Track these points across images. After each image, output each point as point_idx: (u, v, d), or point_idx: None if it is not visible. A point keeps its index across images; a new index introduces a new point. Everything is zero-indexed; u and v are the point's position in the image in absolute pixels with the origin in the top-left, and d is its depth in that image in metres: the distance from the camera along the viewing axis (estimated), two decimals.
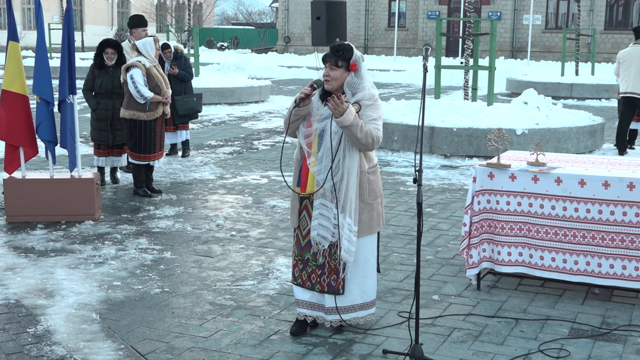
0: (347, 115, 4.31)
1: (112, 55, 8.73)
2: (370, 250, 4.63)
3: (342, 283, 4.56)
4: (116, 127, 8.77)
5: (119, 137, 8.79)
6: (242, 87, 19.65)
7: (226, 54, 49.58)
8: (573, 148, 11.23)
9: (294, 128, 4.54)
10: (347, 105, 4.34)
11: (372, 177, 4.57)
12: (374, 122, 4.43)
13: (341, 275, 4.55)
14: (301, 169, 4.56)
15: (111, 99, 8.74)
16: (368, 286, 4.66)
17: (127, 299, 5.26)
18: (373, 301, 4.72)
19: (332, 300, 4.59)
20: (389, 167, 10.62)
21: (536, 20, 43.19)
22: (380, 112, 4.49)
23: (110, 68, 8.75)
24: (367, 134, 4.37)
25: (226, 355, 4.36)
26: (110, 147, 8.90)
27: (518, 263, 5.45)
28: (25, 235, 6.88)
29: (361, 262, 4.58)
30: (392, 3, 47.61)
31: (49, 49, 26.49)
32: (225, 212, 7.83)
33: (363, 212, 4.51)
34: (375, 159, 4.64)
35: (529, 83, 21.46)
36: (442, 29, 16.87)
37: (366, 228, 4.55)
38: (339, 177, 4.42)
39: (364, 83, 4.49)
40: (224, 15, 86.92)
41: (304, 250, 4.63)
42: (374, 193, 4.57)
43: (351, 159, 4.43)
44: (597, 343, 4.59)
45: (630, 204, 5.03)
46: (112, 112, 8.71)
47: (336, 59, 4.42)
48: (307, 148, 4.49)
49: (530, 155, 5.55)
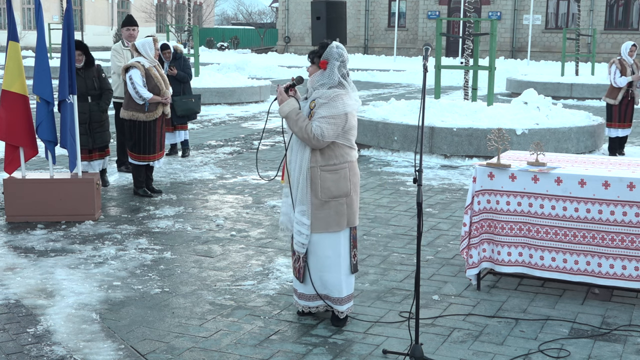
0: (283, 106, 4.57)
1: (80, 57, 8.19)
2: (331, 247, 4.68)
3: (302, 271, 4.76)
4: (95, 129, 8.34)
5: (99, 139, 8.39)
6: (242, 87, 19.66)
7: (226, 54, 49.59)
8: (573, 148, 11.23)
9: None
10: (290, 98, 4.59)
11: (328, 174, 4.59)
12: (323, 120, 4.48)
13: (294, 263, 4.83)
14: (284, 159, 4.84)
15: (86, 102, 8.22)
16: (329, 281, 4.73)
17: (127, 299, 5.26)
18: (347, 297, 4.77)
19: (297, 285, 4.87)
20: (389, 167, 10.62)
21: (536, 20, 43.19)
22: (334, 111, 4.49)
23: (81, 70, 8.20)
24: (301, 129, 4.51)
25: (226, 355, 4.36)
26: (90, 151, 8.38)
27: (518, 263, 5.45)
28: (25, 235, 6.88)
29: (320, 257, 4.72)
30: (392, 3, 47.61)
31: (49, 49, 26.48)
32: (225, 212, 7.83)
33: (318, 208, 4.62)
34: (338, 157, 4.60)
35: (529, 83, 21.46)
36: (442, 29, 16.88)
37: (321, 225, 4.64)
38: (293, 169, 4.64)
39: (326, 82, 4.55)
40: (224, 15, 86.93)
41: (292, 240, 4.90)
42: (328, 191, 4.59)
43: (302, 152, 4.60)
44: (597, 343, 4.59)
45: (630, 204, 5.03)
46: (89, 114, 8.24)
47: (313, 56, 4.66)
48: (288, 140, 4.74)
49: (530, 155, 5.55)
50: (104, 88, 8.40)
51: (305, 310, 4.90)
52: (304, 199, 4.61)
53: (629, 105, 11.51)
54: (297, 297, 4.91)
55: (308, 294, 4.83)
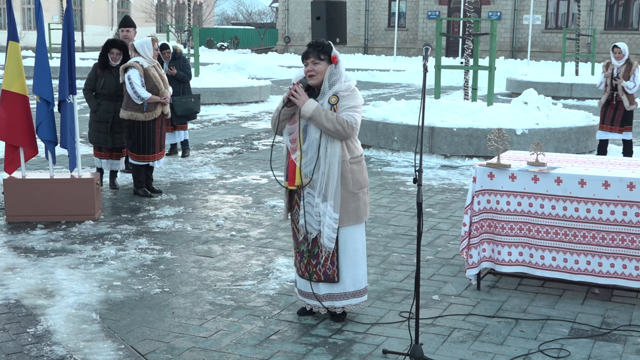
0: (307, 106, 4.54)
1: (118, 56, 8.49)
2: (360, 239, 4.79)
3: (337, 271, 4.73)
4: (115, 130, 8.51)
5: (118, 140, 8.55)
6: (242, 87, 19.65)
7: (226, 54, 49.58)
8: (573, 148, 11.22)
9: (283, 127, 4.75)
10: (309, 98, 4.57)
11: (355, 167, 4.72)
12: (350, 110, 4.60)
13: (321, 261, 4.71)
14: (288, 164, 4.75)
15: (113, 101, 8.46)
16: (359, 275, 4.80)
17: (127, 299, 5.26)
18: (365, 289, 4.86)
19: (326, 288, 4.77)
20: (389, 167, 10.62)
21: (536, 20, 43.19)
22: (357, 101, 4.67)
23: (115, 69, 8.46)
24: (334, 121, 4.53)
25: (226, 355, 4.36)
26: (110, 150, 8.64)
27: (518, 263, 5.45)
28: (25, 235, 6.88)
29: (350, 251, 4.73)
30: (392, 3, 47.61)
31: (49, 49, 26.48)
32: (225, 212, 7.83)
33: (349, 201, 4.66)
34: (358, 150, 4.78)
35: (529, 83, 21.46)
36: (442, 29, 16.87)
37: (353, 217, 4.69)
38: (323, 167, 4.59)
39: (342, 75, 4.68)
40: (224, 15, 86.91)
41: (300, 242, 4.82)
42: (358, 183, 4.72)
43: (332, 149, 4.59)
44: (597, 343, 4.59)
45: (630, 203, 5.03)
46: (113, 114, 8.43)
47: (318, 53, 4.63)
48: (291, 144, 4.70)
49: (530, 155, 5.55)
50: None
51: (308, 309, 4.90)
52: (335, 194, 4.60)
53: (617, 109, 10.84)
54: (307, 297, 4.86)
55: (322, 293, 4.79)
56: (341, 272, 4.74)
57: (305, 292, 4.86)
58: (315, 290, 4.78)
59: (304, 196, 4.71)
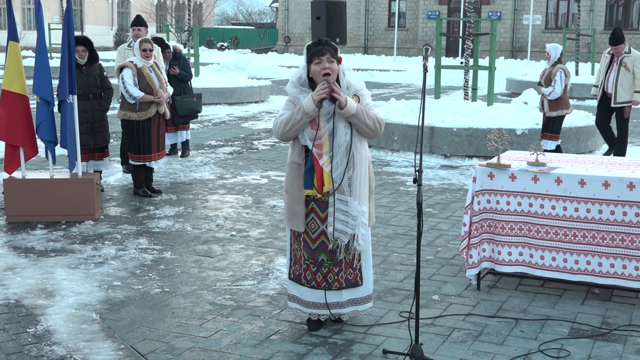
0: (351, 102, 4.42)
1: (83, 53, 7.99)
2: (370, 240, 4.75)
3: (360, 274, 4.65)
4: (96, 129, 8.14)
5: (100, 139, 8.19)
6: (242, 87, 19.66)
7: (226, 54, 49.57)
8: (573, 148, 11.23)
9: (300, 131, 4.46)
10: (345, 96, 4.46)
11: (371, 166, 4.73)
12: (372, 108, 4.57)
13: (356, 264, 4.62)
14: (314, 171, 4.47)
15: (89, 100, 8.04)
16: (370, 278, 4.75)
17: (127, 299, 5.26)
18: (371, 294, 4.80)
19: (349, 293, 4.64)
20: (389, 167, 10.62)
21: (536, 20, 43.19)
22: (371, 98, 4.65)
23: (83, 67, 8.01)
24: (373, 119, 4.51)
25: (226, 355, 4.36)
26: (91, 150, 8.19)
27: (518, 263, 5.45)
28: (25, 235, 6.88)
29: (368, 253, 4.70)
30: (392, 3, 47.60)
31: (49, 49, 26.48)
32: (225, 212, 7.83)
33: (369, 201, 4.62)
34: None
35: (529, 83, 21.47)
36: (442, 29, 16.88)
37: (371, 218, 4.68)
38: (358, 168, 4.49)
39: (352, 75, 4.63)
40: (224, 15, 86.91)
41: (316, 252, 4.59)
42: (373, 182, 4.73)
43: (362, 149, 4.56)
44: (597, 343, 4.59)
45: (630, 203, 5.03)
46: (92, 113, 8.06)
47: (332, 52, 4.45)
48: (318, 149, 4.45)
49: (530, 155, 5.55)
50: (105, 87, 8.24)
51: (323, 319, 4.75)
52: (365, 195, 4.52)
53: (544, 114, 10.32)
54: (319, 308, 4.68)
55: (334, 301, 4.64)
56: (363, 274, 4.66)
57: (319, 303, 4.63)
58: (337, 298, 4.62)
59: (333, 203, 4.48)
